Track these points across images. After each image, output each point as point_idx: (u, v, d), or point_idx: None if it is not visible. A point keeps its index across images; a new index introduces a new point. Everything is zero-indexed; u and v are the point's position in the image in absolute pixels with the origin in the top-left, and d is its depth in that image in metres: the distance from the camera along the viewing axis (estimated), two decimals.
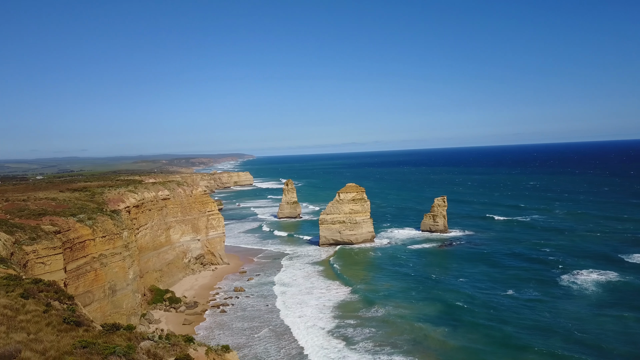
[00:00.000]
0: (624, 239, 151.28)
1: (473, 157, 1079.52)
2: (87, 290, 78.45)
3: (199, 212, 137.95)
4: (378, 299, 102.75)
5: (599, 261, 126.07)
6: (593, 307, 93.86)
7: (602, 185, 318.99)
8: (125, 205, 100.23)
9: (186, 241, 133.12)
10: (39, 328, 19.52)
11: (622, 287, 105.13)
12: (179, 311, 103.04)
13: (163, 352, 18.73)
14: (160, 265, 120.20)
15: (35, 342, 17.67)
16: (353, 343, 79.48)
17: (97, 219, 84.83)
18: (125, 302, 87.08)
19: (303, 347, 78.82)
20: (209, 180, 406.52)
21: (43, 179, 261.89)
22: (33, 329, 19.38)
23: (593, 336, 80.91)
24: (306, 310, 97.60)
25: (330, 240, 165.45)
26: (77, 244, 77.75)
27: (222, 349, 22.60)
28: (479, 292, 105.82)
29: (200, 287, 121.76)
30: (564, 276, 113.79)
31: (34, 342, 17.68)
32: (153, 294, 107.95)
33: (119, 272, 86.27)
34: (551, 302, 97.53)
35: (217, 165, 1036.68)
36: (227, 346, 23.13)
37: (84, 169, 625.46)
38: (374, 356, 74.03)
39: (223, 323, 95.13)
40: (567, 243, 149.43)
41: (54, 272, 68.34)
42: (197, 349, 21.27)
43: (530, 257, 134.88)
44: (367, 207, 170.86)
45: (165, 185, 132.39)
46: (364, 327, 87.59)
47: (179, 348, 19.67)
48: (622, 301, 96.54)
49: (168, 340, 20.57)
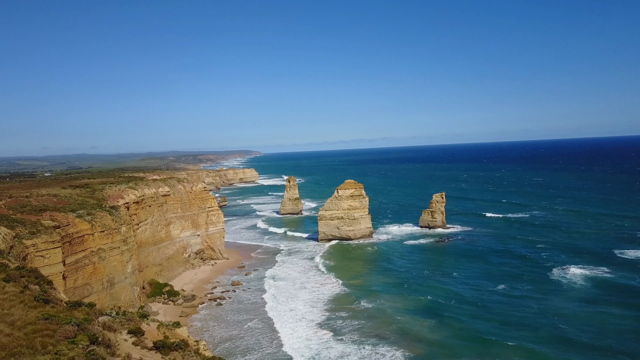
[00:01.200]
0: (620, 235, 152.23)
1: (481, 153, 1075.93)
2: (86, 283, 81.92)
3: (198, 208, 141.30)
4: (369, 293, 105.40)
5: (592, 257, 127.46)
6: (580, 303, 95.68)
7: (606, 181, 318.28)
8: (125, 201, 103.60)
9: (186, 236, 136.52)
10: (12, 305, 22.50)
11: (611, 283, 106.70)
12: (177, 304, 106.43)
13: (118, 326, 21.47)
14: (160, 259, 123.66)
15: (7, 315, 20.68)
16: (340, 334, 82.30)
17: (96, 215, 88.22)
18: (123, 294, 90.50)
19: (292, 337, 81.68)
20: (214, 177, 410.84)
21: (51, 175, 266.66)
22: (7, 305, 22.36)
23: (577, 330, 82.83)
24: (298, 304, 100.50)
25: (329, 236, 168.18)
26: (76, 239, 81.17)
27: (173, 325, 25.35)
28: (470, 288, 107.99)
29: (199, 281, 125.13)
30: (555, 272, 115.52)
31: (6, 315, 20.70)
32: (152, 287, 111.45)
33: (117, 266, 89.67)
34: (540, 298, 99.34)
35: (224, 162, 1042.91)
36: (177, 322, 25.85)
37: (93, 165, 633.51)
38: (359, 346, 76.78)
39: (218, 315, 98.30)
40: (563, 240, 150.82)
41: (52, 265, 71.85)
42: (150, 324, 24.00)
43: (525, 253, 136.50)
44: (366, 203, 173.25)
45: (166, 182, 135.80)
46: (353, 319, 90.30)
47: (133, 322, 22.41)
48: (609, 297, 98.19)
49: (124, 316, 23.34)
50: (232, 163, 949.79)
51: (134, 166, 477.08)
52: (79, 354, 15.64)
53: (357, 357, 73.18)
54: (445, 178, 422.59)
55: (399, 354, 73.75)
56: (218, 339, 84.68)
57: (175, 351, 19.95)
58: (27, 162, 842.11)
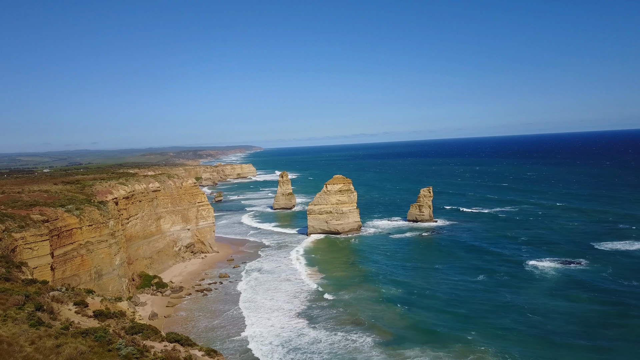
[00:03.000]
0: (601, 229, 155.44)
1: (481, 148, 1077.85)
2: (74, 274, 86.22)
3: (189, 203, 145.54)
4: (349, 285, 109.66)
5: (570, 250, 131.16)
6: (549, 293, 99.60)
7: (599, 176, 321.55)
8: (113, 196, 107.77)
9: (176, 230, 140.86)
10: None
11: (583, 274, 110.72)
12: (165, 295, 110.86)
13: (65, 299, 25.48)
14: (151, 252, 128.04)
15: None
16: (315, 322, 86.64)
17: (84, 210, 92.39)
18: (111, 285, 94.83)
19: (270, 325, 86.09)
20: (211, 172, 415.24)
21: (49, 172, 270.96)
22: None
23: (543, 319, 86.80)
24: (280, 295, 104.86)
25: (318, 229, 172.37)
26: (65, 232, 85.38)
27: (115, 299, 29.39)
28: (446, 279, 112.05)
29: (188, 273, 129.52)
30: (531, 264, 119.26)
31: None
32: (142, 279, 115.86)
33: (105, 258, 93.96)
34: (513, 289, 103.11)
35: (225, 157, 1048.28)
36: (119, 297, 29.84)
37: (93, 161, 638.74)
38: (331, 333, 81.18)
39: (203, 305, 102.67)
40: (544, 234, 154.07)
41: (41, 256, 76.16)
42: (94, 298, 28.04)
43: (505, 247, 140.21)
44: (354, 198, 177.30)
45: (156, 178, 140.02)
46: (331, 309, 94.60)
47: (80, 297, 26.43)
48: (578, 287, 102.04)
49: (73, 291, 27.37)
50: (232, 158, 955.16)
51: (133, 162, 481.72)
52: (23, 317, 19.57)
53: (328, 342, 77.47)
54: (441, 173, 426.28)
55: (369, 340, 78.02)
56: (201, 328, 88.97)
57: (111, 319, 23.87)
58: (28, 158, 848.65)
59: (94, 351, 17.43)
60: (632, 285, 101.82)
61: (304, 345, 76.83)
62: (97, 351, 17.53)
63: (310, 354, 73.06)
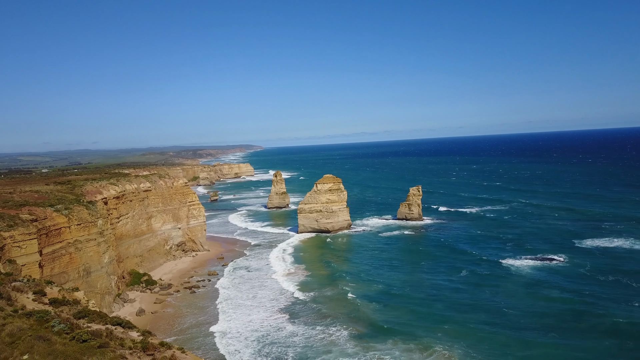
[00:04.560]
0: (586, 227, 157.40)
1: (480, 146, 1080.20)
2: (63, 271, 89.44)
3: (179, 202, 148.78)
4: (332, 281, 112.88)
5: (551, 248, 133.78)
6: (528, 288, 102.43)
7: (593, 174, 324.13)
8: (103, 196, 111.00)
9: (167, 229, 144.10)
10: None
11: (561, 270, 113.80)
12: (154, 292, 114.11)
13: (26, 288, 28.54)
14: (141, 251, 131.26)
15: None
16: (295, 318, 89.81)
17: (73, 209, 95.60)
18: (99, 282, 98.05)
19: (249, 321, 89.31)
20: (209, 172, 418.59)
21: (47, 172, 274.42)
22: None
23: (517, 312, 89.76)
24: (264, 292, 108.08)
25: (308, 228, 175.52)
26: (53, 231, 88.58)
27: (72, 289, 32.45)
28: (429, 276, 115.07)
29: (178, 271, 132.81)
30: (514, 261, 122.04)
31: None
32: (131, 277, 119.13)
33: (93, 256, 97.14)
34: (493, 285, 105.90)
35: (225, 156, 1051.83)
36: (77, 287, 32.85)
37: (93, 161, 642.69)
38: (310, 326, 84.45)
39: (190, 302, 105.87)
40: (529, 232, 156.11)
41: (29, 254, 79.33)
42: (53, 288, 31.12)
43: (490, 244, 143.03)
44: (344, 197, 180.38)
45: (148, 178, 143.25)
46: (312, 304, 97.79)
47: (39, 287, 29.49)
48: (557, 282, 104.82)
49: (33, 282, 30.43)
50: (232, 158, 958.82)
51: (132, 162, 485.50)
52: None
53: (305, 336, 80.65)
54: (437, 172, 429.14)
55: (345, 333, 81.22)
56: (186, 323, 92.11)
57: (65, 306, 26.88)
58: (28, 158, 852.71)
59: (32, 328, 20.31)
60: (608, 281, 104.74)
61: (280, 339, 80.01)
62: (35, 328, 20.42)
63: (285, 347, 76.19)
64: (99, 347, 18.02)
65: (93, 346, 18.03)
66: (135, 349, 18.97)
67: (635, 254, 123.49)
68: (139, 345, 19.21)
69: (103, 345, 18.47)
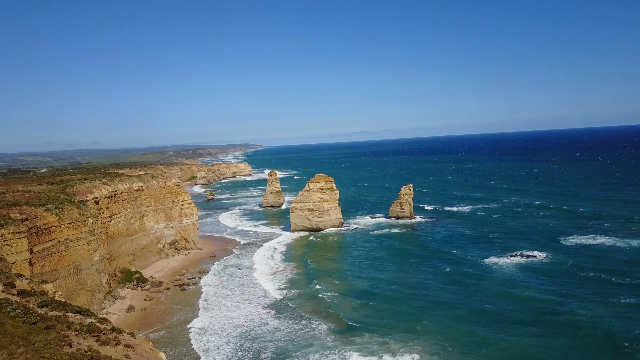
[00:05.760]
0: (573, 225, 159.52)
1: (479, 145, 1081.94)
2: (53, 269, 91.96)
3: (172, 201, 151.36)
4: (319, 277, 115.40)
5: (537, 245, 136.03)
6: (511, 283, 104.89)
7: (587, 172, 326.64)
8: (94, 196, 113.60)
9: (160, 228, 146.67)
10: None
11: (547, 265, 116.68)
12: (144, 289, 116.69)
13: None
14: (134, 249, 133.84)
15: None
16: (280, 313, 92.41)
17: (64, 208, 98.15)
18: (90, 280, 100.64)
19: (233, 317, 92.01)
20: (207, 171, 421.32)
21: (45, 172, 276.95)
22: None
23: (497, 308, 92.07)
24: (253, 289, 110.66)
25: (300, 226, 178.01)
26: (44, 230, 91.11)
27: (41, 282, 34.92)
28: (412, 273, 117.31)
29: (170, 269, 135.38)
30: (495, 259, 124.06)
31: None
32: (123, 275, 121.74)
33: (83, 254, 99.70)
34: (476, 281, 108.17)
35: (225, 156, 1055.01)
36: (45, 280, 35.32)
37: (93, 161, 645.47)
38: (293, 322, 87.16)
39: (180, 299, 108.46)
40: (516, 230, 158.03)
41: (19, 252, 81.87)
42: (23, 281, 33.56)
43: (478, 242, 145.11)
44: (335, 196, 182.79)
45: (140, 178, 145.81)
46: (298, 300, 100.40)
47: (10, 280, 31.93)
48: (538, 279, 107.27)
49: (5, 274, 32.92)
50: (232, 157, 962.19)
51: (131, 161, 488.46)
52: None
53: (287, 331, 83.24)
54: (433, 170, 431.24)
55: (325, 327, 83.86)
56: (174, 320, 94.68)
57: (32, 296, 29.32)
58: (29, 158, 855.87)
59: None
60: (589, 276, 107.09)
61: (263, 334, 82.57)
62: None
63: (266, 342, 78.73)
64: (45, 328, 20.44)
65: (40, 327, 20.43)
66: (81, 330, 21.40)
67: (617, 250, 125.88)
68: (85, 328, 21.64)
69: (50, 327, 20.88)
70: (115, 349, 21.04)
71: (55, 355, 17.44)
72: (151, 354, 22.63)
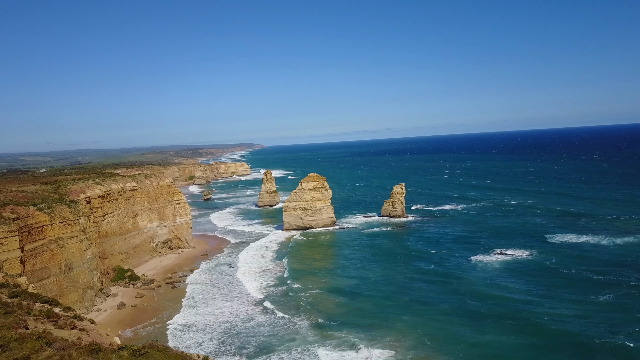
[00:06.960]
0: (561, 224, 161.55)
1: (478, 144, 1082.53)
2: (44, 267, 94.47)
3: (165, 201, 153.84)
4: (305, 276, 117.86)
5: (522, 243, 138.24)
6: (495, 280, 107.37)
7: (581, 171, 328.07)
8: (86, 195, 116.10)
9: (153, 227, 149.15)
10: None
11: (531, 262, 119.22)
12: (136, 287, 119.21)
13: None
14: (127, 248, 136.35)
15: None
16: (267, 309, 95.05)
17: (55, 208, 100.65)
18: (81, 277, 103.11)
19: (220, 313, 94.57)
20: (205, 171, 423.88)
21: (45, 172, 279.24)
22: None
23: (478, 304, 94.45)
24: (242, 286, 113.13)
25: (293, 225, 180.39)
26: (35, 229, 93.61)
27: (16, 275, 37.29)
28: (399, 271, 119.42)
29: (163, 267, 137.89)
30: (481, 257, 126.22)
31: None
32: (116, 273, 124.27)
33: (75, 253, 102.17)
34: (461, 278, 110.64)
35: (225, 155, 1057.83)
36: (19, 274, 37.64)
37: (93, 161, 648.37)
38: (278, 317, 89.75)
39: (170, 297, 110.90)
40: (508, 228, 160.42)
41: (10, 251, 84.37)
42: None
43: (467, 240, 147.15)
44: (328, 195, 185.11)
45: (134, 178, 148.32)
46: (285, 297, 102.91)
47: None
48: (521, 275, 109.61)
49: None
50: (232, 157, 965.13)
51: (131, 161, 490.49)
52: None
53: (271, 326, 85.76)
54: (430, 170, 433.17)
55: (307, 323, 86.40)
56: (163, 317, 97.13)
57: (5, 288, 31.65)
58: (30, 158, 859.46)
59: None
60: (570, 274, 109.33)
61: (247, 329, 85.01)
62: None
63: (249, 337, 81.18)
64: (5, 314, 22.77)
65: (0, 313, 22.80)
66: (40, 316, 23.70)
67: (600, 248, 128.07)
68: (43, 314, 23.95)
69: (9, 312, 23.23)
70: (70, 332, 23.24)
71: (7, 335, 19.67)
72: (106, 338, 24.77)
